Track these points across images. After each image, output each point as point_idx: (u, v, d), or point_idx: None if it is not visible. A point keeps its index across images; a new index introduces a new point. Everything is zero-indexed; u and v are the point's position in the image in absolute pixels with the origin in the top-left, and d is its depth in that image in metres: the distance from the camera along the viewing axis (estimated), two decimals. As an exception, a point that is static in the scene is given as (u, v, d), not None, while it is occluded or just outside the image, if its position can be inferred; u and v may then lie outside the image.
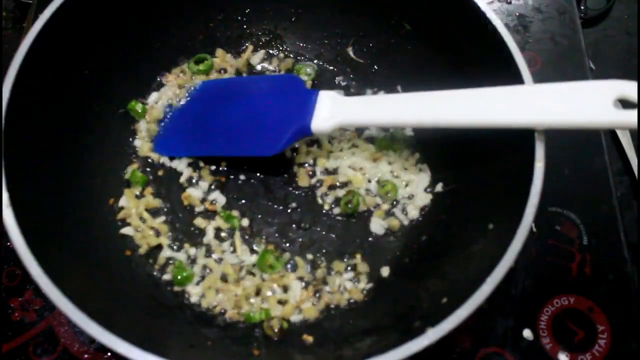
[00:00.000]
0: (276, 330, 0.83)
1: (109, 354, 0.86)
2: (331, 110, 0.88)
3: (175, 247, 0.92)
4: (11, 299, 0.90)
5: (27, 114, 0.78)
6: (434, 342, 0.64)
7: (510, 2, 1.19)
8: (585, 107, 0.67)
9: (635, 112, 0.63)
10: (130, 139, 1.00)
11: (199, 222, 0.94)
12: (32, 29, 0.79)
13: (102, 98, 0.95)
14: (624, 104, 0.66)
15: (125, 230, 0.92)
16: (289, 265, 0.91)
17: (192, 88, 1.04)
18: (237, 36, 1.09)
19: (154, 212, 0.95)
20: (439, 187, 0.96)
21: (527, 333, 0.87)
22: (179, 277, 0.88)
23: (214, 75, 1.06)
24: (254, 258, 0.91)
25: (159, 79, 1.05)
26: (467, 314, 0.65)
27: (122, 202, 0.94)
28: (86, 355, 0.86)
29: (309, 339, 0.82)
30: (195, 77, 1.05)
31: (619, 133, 1.07)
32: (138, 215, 0.93)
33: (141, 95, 1.02)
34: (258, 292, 0.89)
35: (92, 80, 0.91)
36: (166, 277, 0.89)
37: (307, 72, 1.07)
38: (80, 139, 0.90)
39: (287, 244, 0.93)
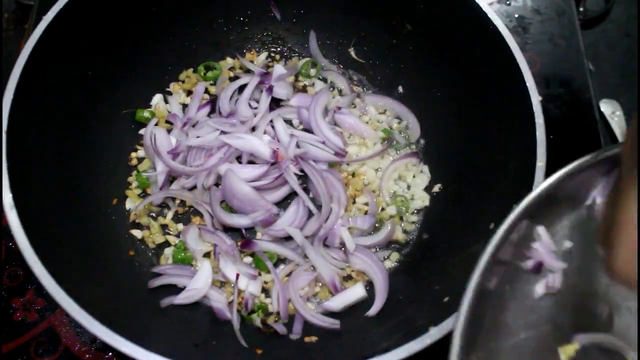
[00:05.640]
0: (277, 322, 0.84)
1: (110, 353, 0.86)
2: None
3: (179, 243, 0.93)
4: (13, 299, 0.90)
5: (31, 116, 0.79)
6: (436, 341, 0.65)
7: (509, 4, 1.20)
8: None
9: None
10: (134, 141, 1.01)
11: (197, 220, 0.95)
12: (35, 31, 0.80)
13: (105, 100, 0.95)
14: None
15: (134, 232, 0.93)
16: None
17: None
18: (239, 39, 1.10)
19: (161, 211, 0.96)
20: (439, 188, 0.97)
21: (527, 332, 0.88)
22: (179, 257, 0.89)
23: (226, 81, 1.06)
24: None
25: (163, 82, 1.05)
26: (470, 313, 0.65)
27: (128, 204, 0.95)
28: (88, 355, 0.86)
29: (312, 339, 0.82)
30: (200, 81, 1.06)
31: (617, 133, 1.08)
32: (146, 212, 0.94)
33: (146, 100, 1.03)
34: (262, 289, 0.89)
35: (95, 83, 0.92)
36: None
37: (309, 73, 1.07)
38: (83, 139, 0.90)
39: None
